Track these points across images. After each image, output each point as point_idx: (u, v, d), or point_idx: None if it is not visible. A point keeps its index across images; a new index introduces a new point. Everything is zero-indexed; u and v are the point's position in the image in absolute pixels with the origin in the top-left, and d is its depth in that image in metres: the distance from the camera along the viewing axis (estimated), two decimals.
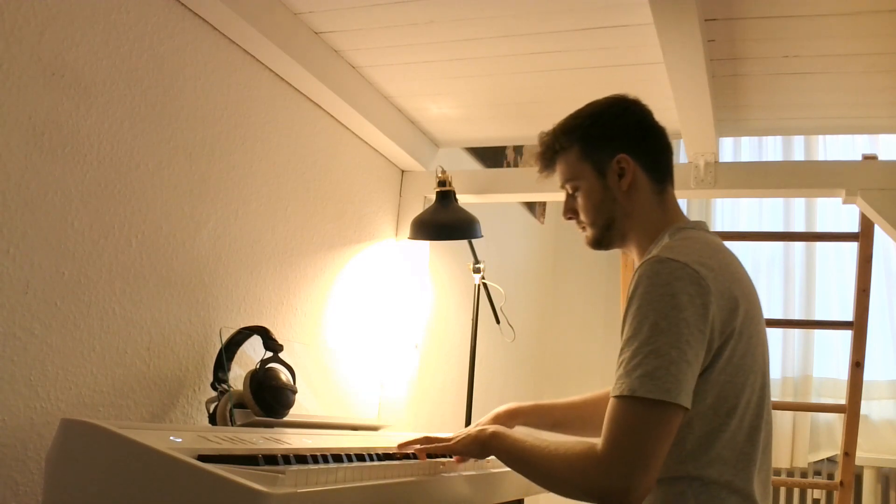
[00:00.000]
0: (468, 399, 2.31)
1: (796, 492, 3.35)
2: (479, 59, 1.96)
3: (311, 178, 2.02)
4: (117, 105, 1.43)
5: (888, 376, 3.43)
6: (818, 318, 3.50)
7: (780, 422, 3.38)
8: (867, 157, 2.21)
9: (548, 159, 1.40)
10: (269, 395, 1.46)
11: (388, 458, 1.35)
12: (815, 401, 3.46)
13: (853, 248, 2.63)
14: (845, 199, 2.12)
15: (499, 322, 2.42)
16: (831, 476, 3.33)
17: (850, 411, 2.52)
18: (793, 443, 3.41)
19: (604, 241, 1.37)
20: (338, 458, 1.22)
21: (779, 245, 3.63)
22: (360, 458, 1.28)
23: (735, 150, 3.77)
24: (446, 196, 2.24)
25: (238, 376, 1.53)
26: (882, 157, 2.19)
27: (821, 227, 3.58)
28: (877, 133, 3.25)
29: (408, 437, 1.45)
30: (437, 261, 2.59)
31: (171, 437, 1.04)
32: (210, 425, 1.49)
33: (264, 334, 1.55)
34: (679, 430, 1.12)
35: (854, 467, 2.54)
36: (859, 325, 2.55)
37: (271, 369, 1.50)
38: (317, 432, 1.48)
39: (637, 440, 1.08)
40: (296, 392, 1.53)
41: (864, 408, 3.04)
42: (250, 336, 1.59)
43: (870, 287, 2.54)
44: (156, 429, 1.11)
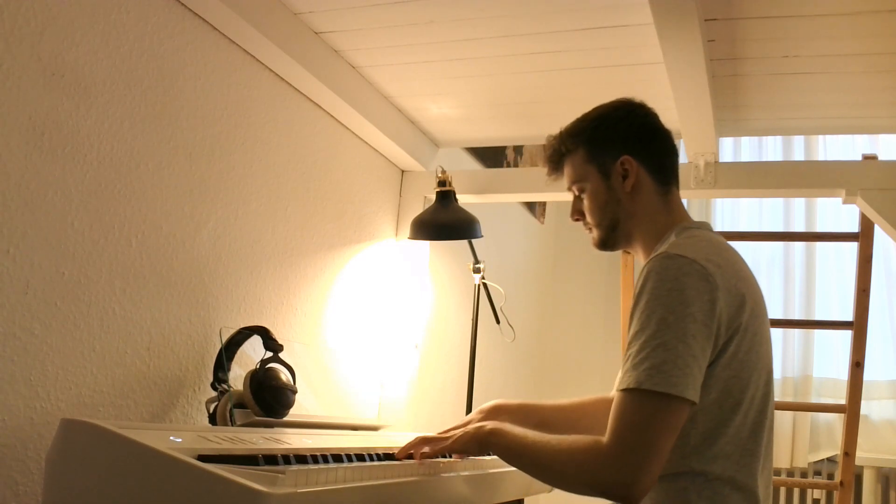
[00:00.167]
0: (468, 399, 2.31)
1: (796, 492, 3.35)
2: (479, 59, 1.96)
3: (311, 178, 2.02)
4: (117, 105, 1.43)
5: (888, 376, 3.43)
6: (818, 318, 3.50)
7: (780, 422, 3.38)
8: (867, 157, 2.20)
9: (555, 162, 1.43)
10: (269, 395, 1.46)
11: (388, 458, 1.35)
12: (815, 401, 3.46)
13: (853, 248, 2.62)
14: (845, 199, 2.12)
15: (499, 322, 2.42)
16: (831, 476, 3.33)
17: (850, 411, 2.51)
18: (793, 443, 3.41)
19: (609, 241, 1.39)
20: (338, 458, 1.22)
21: (779, 245, 3.63)
22: (360, 458, 1.28)
23: (735, 150, 3.77)
24: (446, 196, 2.24)
25: (238, 376, 1.53)
26: (882, 157, 2.19)
27: (821, 227, 3.58)
28: (877, 133, 3.25)
29: (407, 438, 1.45)
30: (437, 261, 2.59)
31: (171, 437, 1.04)
32: (210, 425, 1.49)
33: (264, 334, 1.55)
34: (684, 426, 1.12)
35: (854, 467, 2.53)
36: (859, 325, 2.54)
37: (271, 369, 1.50)
38: (317, 432, 1.48)
39: (643, 433, 1.08)
40: (296, 392, 1.53)
41: (864, 408, 3.04)
42: (250, 336, 1.59)
43: (870, 287, 2.54)
44: (156, 429, 1.10)
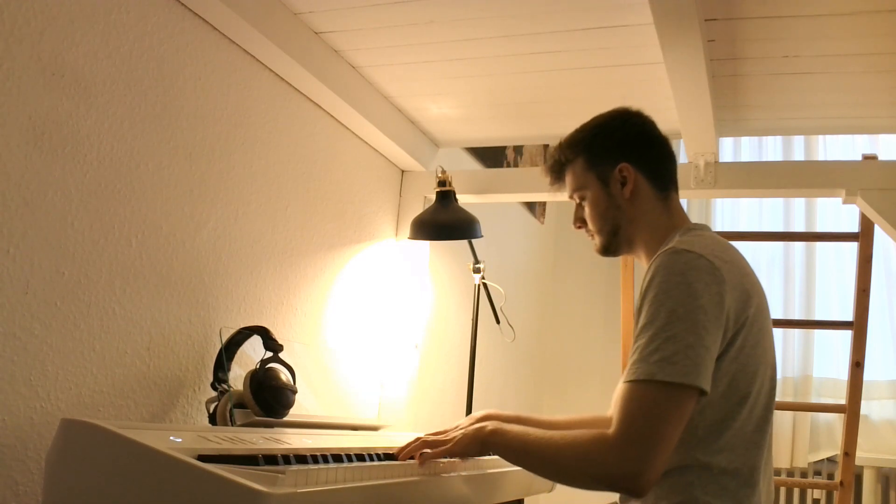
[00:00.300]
0: (468, 399, 2.31)
1: (796, 492, 3.35)
2: (479, 59, 1.96)
3: (311, 178, 2.02)
4: (117, 105, 1.43)
5: (888, 376, 3.43)
6: (818, 318, 3.50)
7: (780, 422, 3.38)
8: (867, 157, 2.21)
9: (556, 172, 1.47)
10: (269, 395, 1.46)
11: (388, 458, 1.35)
12: (815, 401, 3.46)
13: (853, 248, 2.62)
14: (845, 199, 2.12)
15: (499, 322, 2.42)
16: (831, 476, 3.33)
17: (850, 411, 2.51)
18: (793, 443, 3.41)
19: (611, 247, 1.42)
20: (338, 458, 1.22)
21: (779, 245, 3.63)
22: (360, 458, 1.28)
23: (735, 150, 3.77)
24: (446, 196, 2.24)
25: (238, 376, 1.53)
26: (882, 157, 2.19)
27: (821, 227, 3.58)
28: (877, 133, 3.25)
29: (407, 438, 1.45)
30: (437, 261, 2.59)
31: (171, 437, 1.04)
32: (210, 425, 1.49)
33: (264, 334, 1.55)
34: (692, 418, 1.14)
35: (854, 467, 2.54)
36: (859, 325, 2.54)
37: (271, 369, 1.50)
38: (317, 432, 1.48)
39: (651, 423, 1.10)
40: (296, 392, 1.53)
41: (864, 408, 3.04)
42: (250, 336, 1.59)
43: (870, 287, 2.54)
44: (156, 429, 1.10)
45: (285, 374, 1.53)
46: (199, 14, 1.61)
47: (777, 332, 3.50)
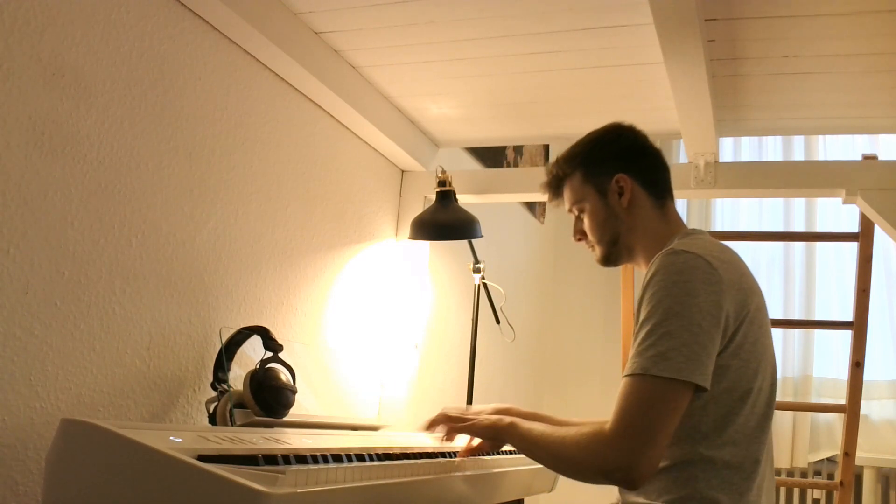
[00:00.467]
0: (468, 399, 2.31)
1: (796, 492, 3.35)
2: (479, 59, 1.96)
3: (311, 178, 2.02)
4: (117, 105, 1.43)
5: (888, 376, 3.43)
6: (818, 318, 3.50)
7: (780, 422, 3.38)
8: (867, 157, 2.21)
9: (555, 187, 1.52)
10: (269, 395, 1.46)
11: (388, 458, 1.35)
12: (815, 401, 3.46)
13: (853, 248, 2.62)
14: (845, 199, 2.12)
15: (499, 322, 2.42)
16: (831, 476, 3.33)
17: (850, 411, 2.52)
18: (793, 443, 3.41)
19: (612, 256, 1.46)
20: (338, 458, 1.22)
21: (779, 245, 3.63)
22: (360, 458, 1.28)
23: (735, 150, 3.77)
24: (446, 196, 2.24)
25: (238, 376, 1.53)
26: (882, 157, 2.19)
27: (821, 227, 3.58)
28: (877, 133, 3.25)
29: (407, 439, 1.47)
30: (437, 261, 2.59)
31: (171, 437, 1.04)
32: (210, 425, 1.49)
33: (264, 334, 1.55)
34: (695, 414, 1.18)
35: (854, 467, 2.54)
36: (859, 325, 2.55)
37: (271, 369, 1.50)
38: (317, 432, 1.48)
39: (644, 417, 1.13)
40: (296, 392, 1.53)
41: (864, 408, 3.04)
42: (250, 336, 1.59)
43: (870, 287, 2.54)
44: (156, 429, 1.10)
45: (285, 374, 1.53)
46: (199, 14, 1.61)
47: (777, 332, 3.52)
